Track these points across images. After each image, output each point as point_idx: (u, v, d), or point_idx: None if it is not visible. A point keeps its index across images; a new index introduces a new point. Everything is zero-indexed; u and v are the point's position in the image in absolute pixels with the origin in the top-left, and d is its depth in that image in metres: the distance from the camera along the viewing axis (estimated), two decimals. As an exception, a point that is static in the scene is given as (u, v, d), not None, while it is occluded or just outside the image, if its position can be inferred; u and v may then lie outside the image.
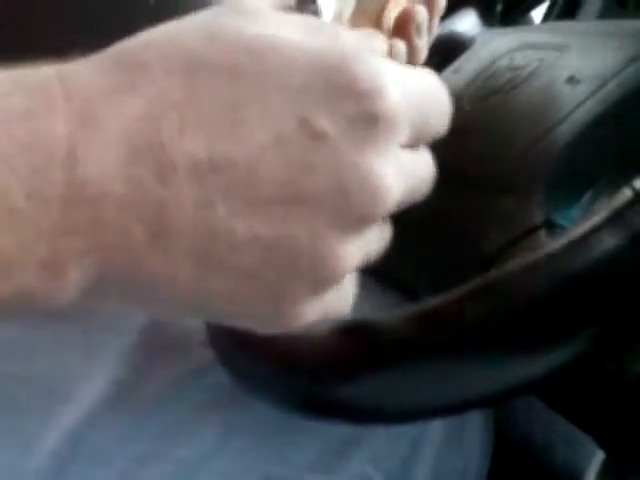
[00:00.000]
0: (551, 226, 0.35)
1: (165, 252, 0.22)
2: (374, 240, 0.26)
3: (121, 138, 0.21)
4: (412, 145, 0.25)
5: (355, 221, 0.24)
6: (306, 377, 0.34)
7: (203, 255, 0.23)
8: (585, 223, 0.29)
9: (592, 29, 0.45)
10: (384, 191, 0.23)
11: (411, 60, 0.44)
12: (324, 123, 0.22)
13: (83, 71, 0.22)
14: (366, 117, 0.23)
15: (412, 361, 0.31)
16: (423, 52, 0.44)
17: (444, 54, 0.51)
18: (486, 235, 0.36)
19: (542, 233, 0.34)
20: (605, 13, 0.63)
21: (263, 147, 0.22)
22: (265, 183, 0.22)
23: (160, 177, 0.21)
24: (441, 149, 0.44)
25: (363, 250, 0.25)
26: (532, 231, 0.35)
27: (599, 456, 0.41)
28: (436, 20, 0.46)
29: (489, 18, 0.57)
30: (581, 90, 0.39)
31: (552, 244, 0.29)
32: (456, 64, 0.49)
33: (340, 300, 0.26)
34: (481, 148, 0.41)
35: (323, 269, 0.24)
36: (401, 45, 0.42)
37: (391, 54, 0.41)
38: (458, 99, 0.45)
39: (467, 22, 0.53)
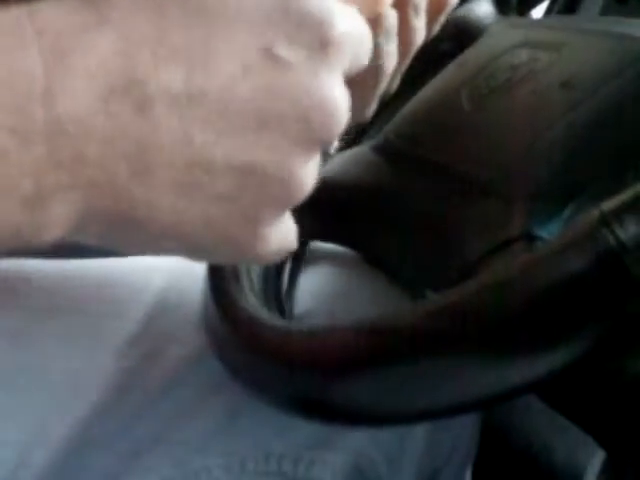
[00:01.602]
0: (530, 238, 0.35)
1: (146, 184, 0.23)
2: (317, 165, 0.27)
3: (96, 73, 0.22)
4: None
5: (316, 142, 0.25)
6: (305, 377, 0.34)
7: (183, 185, 0.24)
8: (552, 242, 0.29)
9: (593, 27, 0.45)
10: (338, 112, 0.25)
11: (407, 39, 0.43)
12: (285, 51, 0.24)
13: (52, 9, 0.22)
14: (321, 44, 0.25)
15: (410, 362, 0.31)
16: (420, 33, 0.44)
17: (455, 40, 0.51)
18: (468, 241, 0.36)
19: (520, 245, 0.34)
20: (605, 11, 0.62)
21: (232, 77, 0.23)
22: (236, 111, 0.24)
23: (139, 111, 0.22)
24: (440, 149, 0.44)
25: (315, 171, 0.27)
26: (511, 242, 0.35)
27: (599, 456, 0.41)
28: (444, 12, 0.46)
29: (505, 6, 0.57)
30: (573, 97, 0.38)
31: (517, 261, 0.29)
32: (462, 57, 0.49)
33: (290, 232, 0.28)
34: (474, 150, 0.41)
35: (289, 190, 0.25)
36: (393, 17, 0.42)
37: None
38: (458, 97, 0.45)
39: (481, 9, 0.53)
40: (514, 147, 0.39)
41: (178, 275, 0.52)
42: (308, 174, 0.26)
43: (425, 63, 0.46)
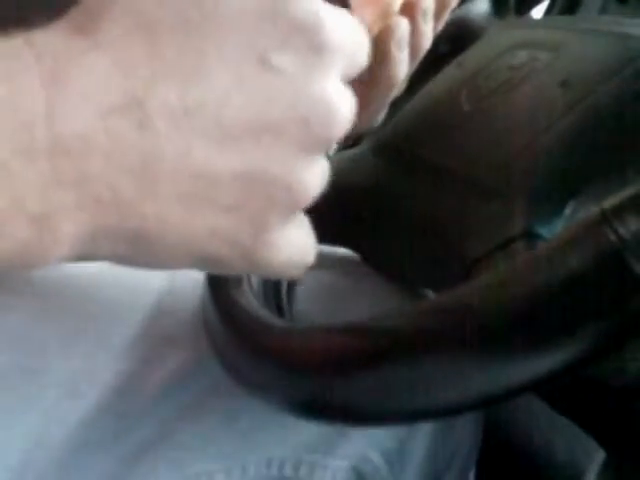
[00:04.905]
0: (532, 237, 0.35)
1: (153, 199, 0.24)
2: (326, 168, 0.28)
3: (94, 93, 0.22)
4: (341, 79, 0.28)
5: (316, 144, 0.26)
6: (306, 378, 0.34)
7: (189, 197, 0.24)
8: (552, 240, 0.29)
9: (591, 27, 0.45)
10: (336, 112, 0.26)
11: (416, 45, 0.44)
12: (278, 58, 0.25)
13: (48, 36, 0.23)
14: (314, 48, 0.25)
15: (409, 362, 0.31)
16: (428, 38, 0.45)
17: (454, 43, 0.51)
18: (468, 241, 0.36)
19: (521, 244, 0.34)
20: (605, 10, 0.62)
21: (227, 87, 0.24)
22: (234, 120, 0.24)
23: (138, 128, 0.23)
24: (440, 149, 0.44)
25: (321, 175, 0.27)
26: (512, 241, 0.35)
27: (599, 456, 0.41)
28: (446, 12, 0.46)
29: (503, 7, 0.57)
30: (572, 96, 0.38)
31: (518, 260, 0.29)
32: (461, 57, 0.49)
33: (303, 243, 0.28)
34: (473, 150, 0.41)
35: (294, 194, 0.26)
36: (405, 25, 0.42)
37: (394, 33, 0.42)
38: (457, 98, 0.45)
39: (480, 10, 0.53)
40: (513, 147, 0.39)
41: (176, 278, 0.53)
42: (313, 177, 0.26)
43: (423, 65, 0.46)
